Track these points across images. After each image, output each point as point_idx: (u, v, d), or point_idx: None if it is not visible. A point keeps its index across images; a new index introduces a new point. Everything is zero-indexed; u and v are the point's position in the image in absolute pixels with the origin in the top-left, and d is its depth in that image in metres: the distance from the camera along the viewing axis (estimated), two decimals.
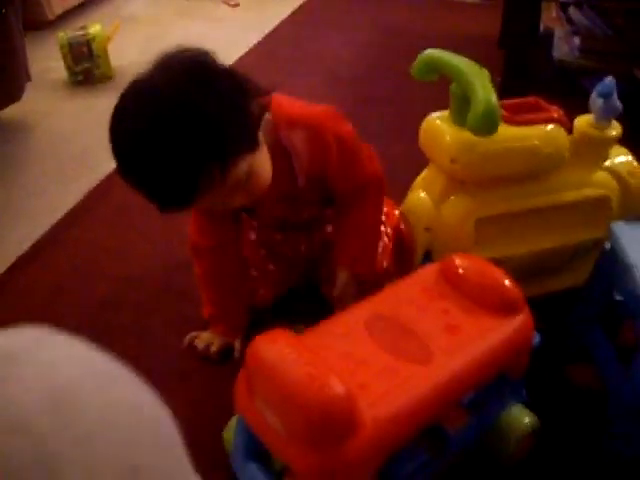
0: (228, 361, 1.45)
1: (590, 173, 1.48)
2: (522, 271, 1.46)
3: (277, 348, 0.97)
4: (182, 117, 1.03)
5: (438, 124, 1.38)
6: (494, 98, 1.23)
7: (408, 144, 1.52)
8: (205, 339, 1.47)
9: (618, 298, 1.37)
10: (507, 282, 1.14)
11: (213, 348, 1.45)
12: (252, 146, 1.14)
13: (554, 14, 2.41)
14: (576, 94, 1.98)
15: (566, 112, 1.47)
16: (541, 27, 2.45)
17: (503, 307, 1.12)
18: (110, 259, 1.75)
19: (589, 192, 1.47)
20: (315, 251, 1.53)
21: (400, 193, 1.53)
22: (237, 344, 1.46)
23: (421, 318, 1.11)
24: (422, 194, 1.44)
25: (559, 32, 2.27)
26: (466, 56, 1.34)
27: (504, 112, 1.35)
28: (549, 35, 2.32)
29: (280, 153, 1.24)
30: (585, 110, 1.48)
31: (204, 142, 1.04)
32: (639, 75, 2.01)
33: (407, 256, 1.43)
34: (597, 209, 1.48)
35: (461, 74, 1.28)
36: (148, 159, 1.05)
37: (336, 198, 1.41)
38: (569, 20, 2.25)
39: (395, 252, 1.50)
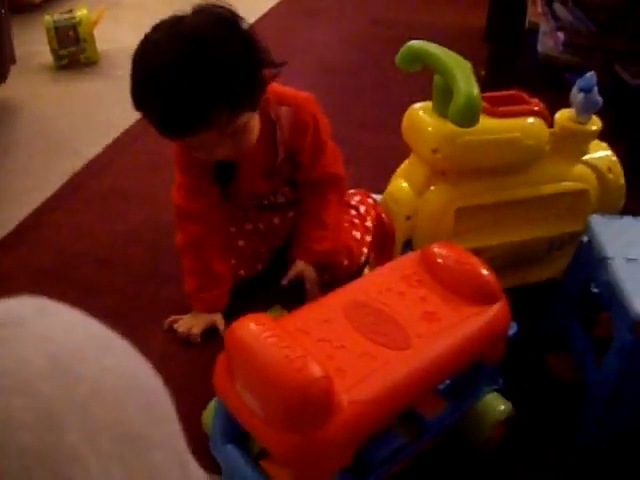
0: (209, 342, 1.46)
1: (570, 167, 1.50)
2: (501, 262, 1.49)
3: (256, 331, 0.98)
4: (209, 57, 1.19)
5: (420, 114, 1.40)
6: (476, 90, 1.25)
7: (393, 134, 1.53)
8: (186, 322, 1.49)
9: (595, 290, 1.40)
10: (484, 271, 1.16)
11: (195, 330, 1.46)
12: (255, 106, 1.30)
13: (539, 9, 2.42)
14: (560, 89, 2.00)
15: (549, 107, 1.49)
16: (527, 22, 2.47)
17: (480, 296, 1.14)
18: (94, 242, 1.76)
19: (568, 185, 1.49)
20: (287, 227, 1.58)
21: (384, 182, 1.55)
22: (219, 320, 1.48)
23: (399, 305, 1.12)
24: (403, 183, 1.45)
25: (544, 27, 2.29)
26: (452, 49, 1.36)
27: (485, 104, 1.36)
28: (534, 30, 2.34)
29: (267, 125, 1.40)
30: (568, 105, 1.50)
31: (224, 84, 1.20)
32: (620, 71, 2.03)
33: (388, 244, 1.45)
34: (576, 202, 1.50)
35: (444, 65, 1.29)
36: (174, 85, 1.18)
37: (299, 187, 1.53)
38: (554, 15, 2.27)
39: (375, 240, 1.52)
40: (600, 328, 1.40)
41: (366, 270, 1.58)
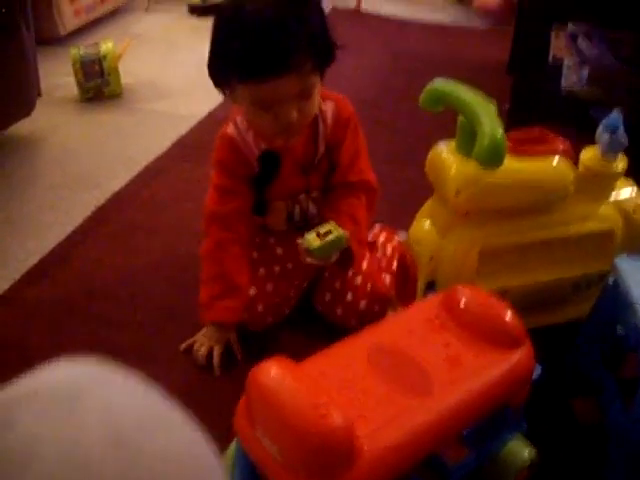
0: (229, 375, 1.45)
1: (595, 207, 1.48)
2: (525, 302, 1.47)
3: (277, 376, 0.97)
4: (305, 8, 1.29)
5: (444, 155, 1.39)
6: (500, 131, 1.23)
7: (416, 170, 1.53)
8: (204, 342, 1.48)
9: (620, 332, 1.38)
10: (509, 315, 1.14)
11: (216, 352, 1.46)
12: (324, 72, 1.38)
13: (563, 44, 2.42)
14: (584, 124, 1.99)
15: (574, 142, 1.47)
16: (550, 56, 2.47)
17: (504, 340, 1.12)
18: (116, 277, 1.76)
19: (593, 226, 1.47)
20: (315, 266, 1.56)
21: (405, 216, 1.54)
22: (234, 339, 1.49)
23: (422, 349, 1.11)
24: (427, 223, 1.44)
25: (568, 61, 2.28)
26: (475, 81, 1.36)
27: (509, 143, 1.34)
28: (558, 65, 2.33)
29: (312, 121, 1.45)
30: (593, 140, 1.48)
31: (313, 34, 1.30)
32: None
33: (410, 285, 1.44)
34: (601, 243, 1.48)
35: (468, 106, 1.29)
36: (275, 21, 1.25)
37: (333, 190, 1.55)
38: (578, 50, 2.26)
39: (398, 280, 1.50)
40: (626, 370, 1.38)
41: (389, 311, 1.56)
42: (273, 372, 0.98)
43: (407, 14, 3.85)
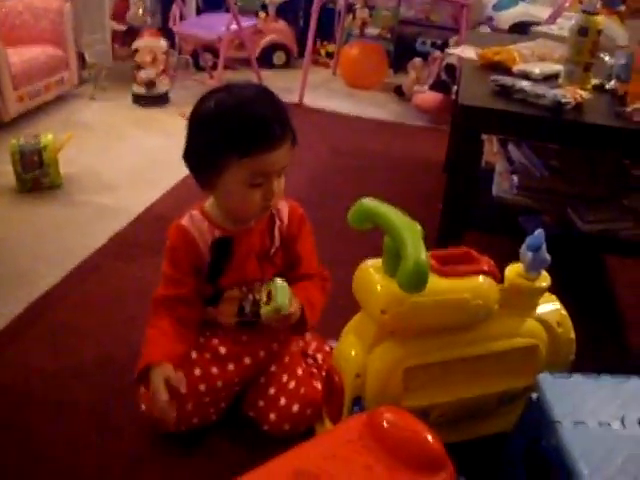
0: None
1: (520, 322, 1.51)
2: (451, 416, 1.49)
3: None
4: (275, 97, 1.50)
5: (370, 273, 1.40)
6: (423, 256, 1.25)
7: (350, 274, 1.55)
8: (152, 400, 1.47)
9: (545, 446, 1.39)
10: (431, 439, 1.15)
11: (163, 403, 1.45)
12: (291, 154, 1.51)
13: (495, 149, 2.50)
14: (514, 231, 2.05)
15: (503, 249, 1.51)
16: (483, 162, 2.55)
17: (426, 464, 1.13)
18: (44, 383, 1.71)
19: (518, 341, 1.50)
20: (263, 364, 1.63)
21: (340, 326, 1.54)
22: (171, 373, 1.48)
23: (344, 474, 1.10)
24: (353, 340, 1.45)
25: (499, 168, 2.36)
26: (412, 178, 1.39)
27: (434, 262, 1.38)
28: (491, 169, 2.41)
29: (268, 216, 1.59)
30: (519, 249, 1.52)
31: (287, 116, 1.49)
32: (572, 215, 2.08)
33: (336, 399, 1.44)
34: (526, 357, 1.51)
35: (393, 228, 1.31)
36: (264, 106, 1.46)
37: (296, 278, 1.63)
38: (508, 157, 2.34)
39: (325, 393, 1.51)
40: None
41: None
42: None
43: (348, 109, 3.95)
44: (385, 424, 1.18)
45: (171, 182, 2.82)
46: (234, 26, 3.88)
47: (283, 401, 1.57)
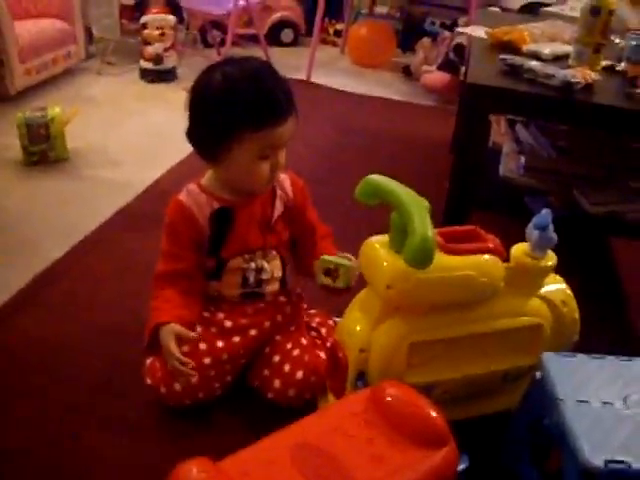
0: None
1: (525, 301, 1.52)
2: (456, 394, 1.50)
3: (197, 477, 0.97)
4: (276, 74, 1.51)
5: (377, 249, 1.40)
6: (430, 232, 1.26)
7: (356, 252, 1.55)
8: (166, 351, 1.49)
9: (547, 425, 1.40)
10: (434, 414, 1.16)
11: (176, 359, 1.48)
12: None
13: (503, 130, 2.49)
14: (520, 211, 2.05)
15: (509, 229, 1.51)
16: (490, 142, 2.54)
17: (429, 439, 1.14)
18: (47, 351, 1.72)
19: (523, 320, 1.50)
20: (268, 335, 1.65)
21: (344, 304, 1.54)
22: (179, 329, 1.50)
23: (346, 447, 1.11)
24: (358, 315, 1.46)
25: (507, 148, 2.35)
26: (418, 157, 1.39)
27: (441, 240, 1.38)
28: (498, 150, 2.40)
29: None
30: (525, 228, 1.52)
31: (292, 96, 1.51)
32: (578, 197, 2.08)
33: (340, 374, 1.45)
34: (530, 336, 1.51)
35: (400, 204, 1.31)
36: (271, 79, 1.49)
37: (300, 238, 1.71)
38: (516, 138, 2.33)
39: (329, 368, 1.52)
40: (553, 463, 1.40)
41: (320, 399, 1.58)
42: (193, 473, 0.98)
43: (355, 88, 3.94)
44: (388, 399, 1.19)
45: (177, 158, 2.81)
46: (242, 2, 3.86)
47: (287, 368, 1.58)
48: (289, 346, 1.62)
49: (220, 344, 1.59)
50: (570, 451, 1.20)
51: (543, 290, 1.54)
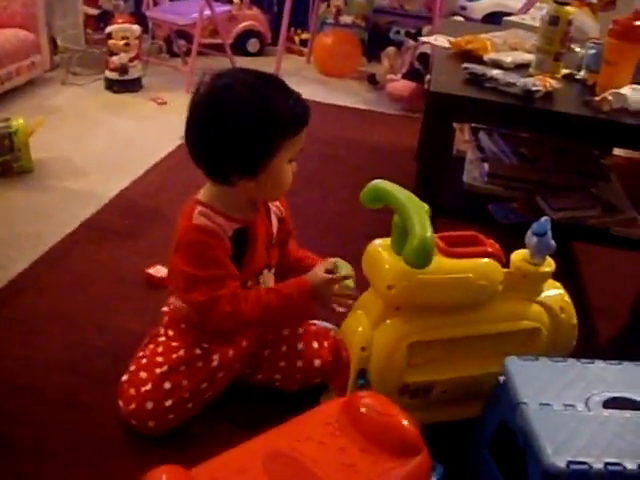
0: None
1: (524, 306, 1.57)
2: (453, 394, 1.55)
3: None
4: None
5: (379, 251, 1.47)
6: (429, 234, 1.33)
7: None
8: (333, 299, 1.54)
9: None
10: (406, 424, 1.17)
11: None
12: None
13: (467, 137, 2.52)
14: (484, 219, 2.07)
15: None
16: (454, 150, 2.57)
17: (401, 448, 1.15)
18: (11, 368, 1.71)
19: (522, 324, 1.55)
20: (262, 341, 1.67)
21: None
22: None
23: (318, 456, 1.12)
24: (361, 315, 1.51)
25: (470, 156, 2.38)
26: (385, 165, 1.43)
27: (441, 244, 1.45)
28: (462, 158, 2.42)
29: (264, 206, 1.63)
30: (494, 236, 1.57)
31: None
32: (541, 203, 2.11)
33: (343, 372, 1.50)
34: (528, 340, 1.56)
35: (402, 207, 1.38)
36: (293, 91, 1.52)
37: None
38: (479, 145, 2.36)
39: (331, 366, 1.58)
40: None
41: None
42: None
43: (322, 97, 3.95)
44: (362, 408, 1.20)
45: (142, 168, 2.81)
46: (208, 12, 3.86)
47: (301, 345, 1.66)
48: (286, 332, 1.68)
49: (204, 385, 1.57)
50: (533, 453, 1.22)
51: (542, 296, 1.59)
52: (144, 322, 1.78)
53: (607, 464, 1.17)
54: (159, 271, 2.06)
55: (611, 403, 1.32)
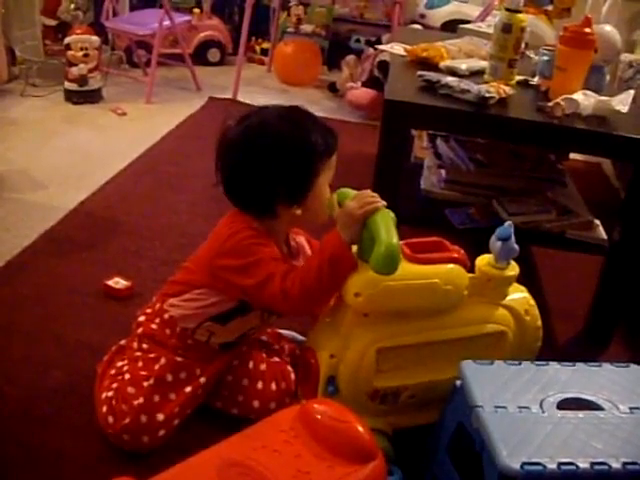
0: None
1: (489, 309, 1.59)
2: (422, 399, 1.56)
3: None
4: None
5: None
6: (396, 240, 1.35)
7: None
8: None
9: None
10: (361, 430, 1.18)
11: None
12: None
13: (424, 144, 2.55)
14: (442, 225, 2.09)
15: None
16: (412, 156, 2.59)
17: (356, 454, 1.17)
18: None
19: (488, 328, 1.57)
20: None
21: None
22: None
23: (273, 463, 1.13)
24: (329, 322, 1.53)
25: (428, 162, 2.40)
26: (346, 174, 1.45)
27: (407, 250, 1.47)
28: (420, 165, 2.44)
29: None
30: (454, 242, 1.58)
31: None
32: (497, 207, 2.14)
33: (312, 379, 1.51)
34: (495, 343, 1.58)
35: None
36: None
37: None
38: (436, 152, 2.38)
39: (301, 375, 1.59)
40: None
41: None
42: None
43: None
44: (317, 415, 1.21)
45: (102, 179, 2.80)
46: (167, 22, 3.86)
47: (260, 385, 1.64)
48: (251, 365, 1.66)
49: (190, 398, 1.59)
50: (489, 456, 1.23)
51: (507, 299, 1.61)
52: (102, 334, 1.77)
53: (560, 464, 1.19)
54: (117, 283, 2.05)
55: (565, 404, 1.34)
